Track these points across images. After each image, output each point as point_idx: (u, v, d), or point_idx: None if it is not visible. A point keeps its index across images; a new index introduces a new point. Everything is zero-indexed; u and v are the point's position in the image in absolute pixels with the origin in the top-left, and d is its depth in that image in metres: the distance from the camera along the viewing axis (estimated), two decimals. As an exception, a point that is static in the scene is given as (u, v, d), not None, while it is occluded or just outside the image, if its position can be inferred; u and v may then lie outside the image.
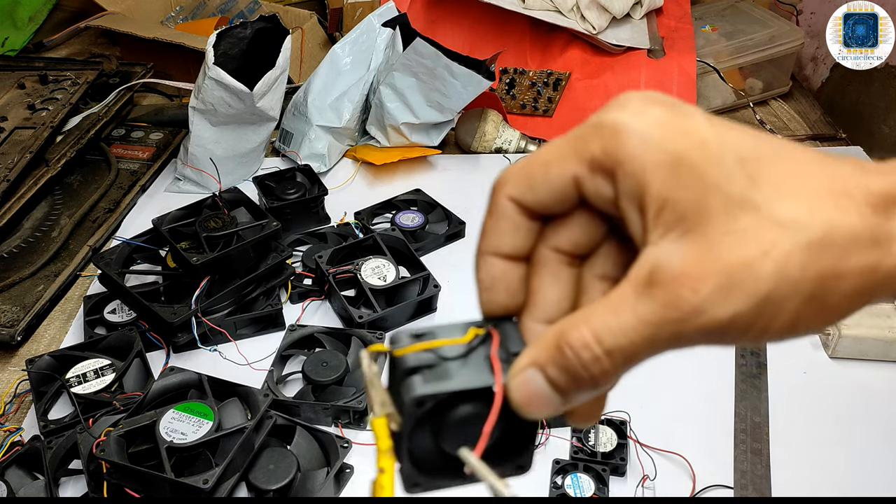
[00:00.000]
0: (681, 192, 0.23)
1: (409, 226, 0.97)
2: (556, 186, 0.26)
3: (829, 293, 0.23)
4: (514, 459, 0.28)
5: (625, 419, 0.72)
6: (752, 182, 0.23)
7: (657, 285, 0.23)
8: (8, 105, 1.14)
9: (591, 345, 0.24)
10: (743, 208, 0.23)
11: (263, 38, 1.04)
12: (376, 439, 0.26)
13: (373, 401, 0.26)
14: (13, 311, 0.88)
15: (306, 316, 0.88)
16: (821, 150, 0.26)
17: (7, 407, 0.77)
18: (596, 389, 0.25)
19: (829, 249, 0.23)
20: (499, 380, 0.25)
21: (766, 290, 0.22)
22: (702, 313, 0.23)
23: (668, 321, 0.23)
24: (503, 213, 0.27)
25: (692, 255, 0.23)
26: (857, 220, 0.23)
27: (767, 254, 0.22)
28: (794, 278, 0.22)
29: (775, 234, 0.23)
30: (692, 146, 0.24)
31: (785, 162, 0.24)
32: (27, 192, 1.01)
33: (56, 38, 1.50)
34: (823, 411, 0.75)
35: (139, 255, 0.87)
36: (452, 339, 0.27)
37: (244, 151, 1.09)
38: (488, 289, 0.28)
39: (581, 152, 0.25)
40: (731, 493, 0.67)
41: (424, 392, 0.25)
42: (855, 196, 0.23)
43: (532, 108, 1.25)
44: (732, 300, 0.23)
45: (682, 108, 0.25)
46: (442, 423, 0.26)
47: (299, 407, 0.74)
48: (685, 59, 1.22)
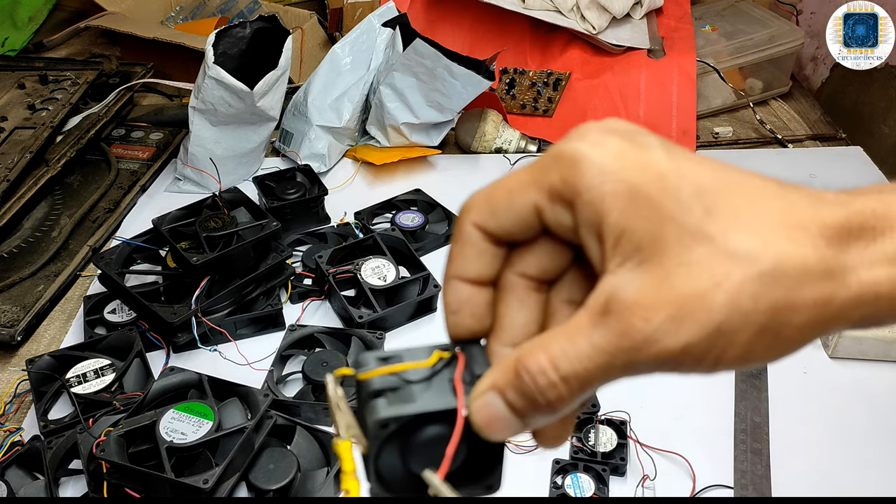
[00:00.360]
0: (637, 223, 0.24)
1: (409, 226, 0.97)
2: (518, 214, 0.26)
3: (781, 325, 0.23)
4: (483, 479, 0.28)
5: (625, 419, 0.72)
6: (707, 214, 0.23)
7: (612, 314, 0.24)
8: (8, 105, 1.14)
9: (548, 371, 0.24)
10: (697, 240, 0.23)
11: (263, 38, 1.04)
12: (341, 461, 0.26)
13: (338, 424, 0.26)
14: (13, 311, 0.88)
15: (306, 316, 0.88)
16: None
17: (7, 407, 0.77)
18: (554, 413, 0.25)
19: (782, 281, 0.23)
20: (461, 403, 0.26)
21: (717, 321, 0.23)
22: (654, 343, 0.23)
23: (621, 350, 0.23)
24: (468, 239, 0.27)
25: (646, 285, 0.23)
26: (811, 252, 0.23)
27: (720, 285, 0.23)
28: (746, 310, 0.23)
29: (728, 266, 0.23)
30: (649, 178, 0.24)
31: (742, 194, 0.24)
32: (27, 192, 1.01)
33: (56, 38, 1.50)
34: (823, 411, 0.75)
35: (139, 255, 0.87)
36: (417, 362, 0.27)
37: (244, 151, 1.09)
38: (454, 312, 0.28)
39: (541, 182, 0.26)
40: (731, 493, 0.67)
41: (388, 415, 0.26)
42: (809, 228, 0.23)
43: (532, 108, 1.25)
44: (684, 330, 0.23)
45: (641, 138, 0.25)
46: (408, 444, 0.26)
47: (299, 407, 0.74)
48: (685, 59, 1.22)
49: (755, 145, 1.19)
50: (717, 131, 1.21)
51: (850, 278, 0.23)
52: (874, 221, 0.24)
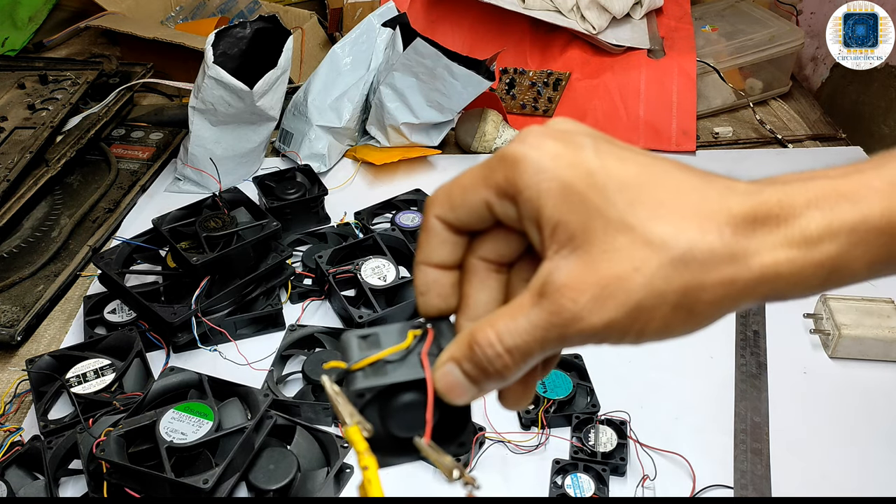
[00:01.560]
0: (569, 216, 0.27)
1: (409, 226, 0.97)
2: (472, 208, 0.30)
3: (693, 302, 0.26)
4: (455, 438, 0.32)
5: (625, 419, 0.72)
6: (629, 206, 0.27)
7: (546, 295, 0.27)
8: (8, 105, 1.14)
9: (494, 343, 0.28)
10: (620, 230, 0.26)
11: (263, 38, 1.04)
12: (353, 444, 0.29)
13: (342, 413, 0.30)
14: (13, 311, 0.88)
15: (306, 316, 0.88)
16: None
17: (7, 407, 0.77)
18: (503, 380, 0.29)
19: (691, 265, 0.26)
20: (427, 373, 0.30)
21: (635, 300, 0.26)
22: (580, 320, 0.27)
23: (554, 325, 0.27)
24: (432, 229, 0.31)
25: (575, 270, 0.27)
26: (716, 239, 0.26)
27: (638, 269, 0.26)
28: (660, 290, 0.26)
29: (646, 253, 0.26)
30: (579, 175, 0.27)
31: (663, 188, 0.27)
32: (27, 192, 1.01)
33: (56, 38, 1.50)
34: (823, 411, 0.75)
35: (139, 255, 0.87)
36: (395, 346, 0.31)
37: (244, 151, 1.09)
38: (423, 293, 0.32)
39: (489, 180, 0.29)
40: (731, 493, 0.67)
41: (363, 385, 0.30)
42: (717, 218, 0.26)
43: (532, 108, 1.25)
44: (607, 309, 0.26)
45: (575, 140, 0.28)
46: (387, 411, 0.31)
47: (299, 407, 0.74)
48: (685, 59, 1.22)
49: (755, 145, 1.19)
50: (717, 131, 1.21)
51: (753, 261, 0.26)
52: (778, 210, 0.27)
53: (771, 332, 0.83)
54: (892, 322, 0.79)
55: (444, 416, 0.31)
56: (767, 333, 0.83)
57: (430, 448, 0.30)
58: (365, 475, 0.29)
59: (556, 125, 0.29)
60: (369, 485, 0.29)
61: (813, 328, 0.83)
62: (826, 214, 0.26)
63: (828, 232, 0.26)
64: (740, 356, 0.80)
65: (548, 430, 0.72)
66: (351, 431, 0.29)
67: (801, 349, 0.82)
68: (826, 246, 0.26)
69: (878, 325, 0.79)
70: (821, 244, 0.26)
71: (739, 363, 0.80)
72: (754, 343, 0.82)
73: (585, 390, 0.75)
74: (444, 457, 0.30)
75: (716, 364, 0.80)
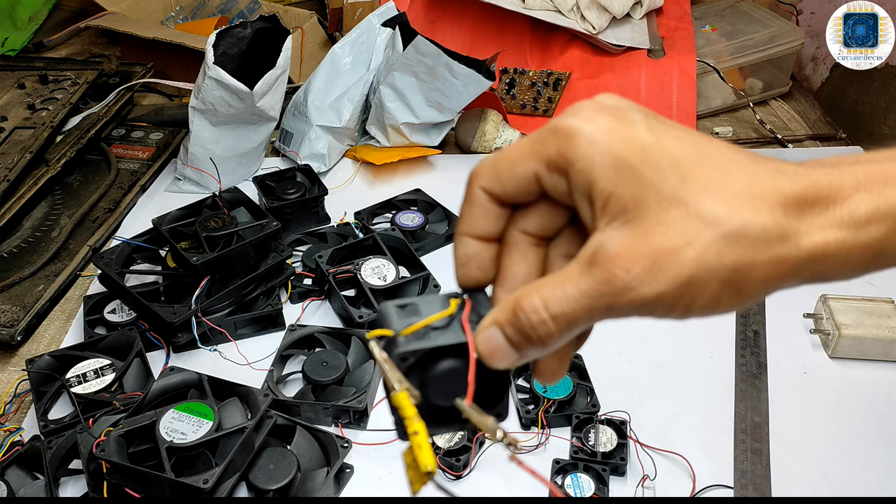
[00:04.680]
0: (622, 189, 0.27)
1: (409, 226, 0.97)
2: (519, 181, 0.30)
3: (742, 279, 0.27)
4: (493, 407, 0.32)
5: (625, 419, 0.72)
6: (682, 182, 0.27)
7: (597, 265, 0.27)
8: (8, 105, 1.14)
9: (540, 309, 0.28)
10: (673, 204, 0.27)
11: (263, 38, 1.04)
12: (401, 409, 0.30)
13: (390, 379, 0.30)
14: (13, 311, 0.88)
15: (306, 316, 0.88)
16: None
17: (7, 407, 0.77)
18: (545, 347, 0.29)
19: (743, 242, 0.26)
20: (469, 336, 0.30)
21: (687, 275, 0.26)
22: (631, 290, 0.27)
23: (603, 294, 0.27)
24: (476, 200, 0.31)
25: (627, 241, 0.27)
26: (769, 218, 0.27)
27: (690, 244, 0.26)
28: (711, 265, 0.26)
29: (698, 228, 0.26)
30: (632, 150, 0.28)
31: (714, 166, 0.28)
32: (27, 192, 1.01)
33: (56, 38, 1.50)
34: (823, 411, 0.75)
35: (139, 255, 0.87)
36: (438, 313, 0.31)
37: (244, 151, 1.09)
38: (463, 265, 0.32)
39: (540, 152, 0.29)
40: (731, 493, 0.67)
41: (407, 349, 0.30)
42: (769, 197, 0.27)
43: (532, 108, 1.25)
44: (658, 281, 0.27)
45: (628, 115, 0.29)
46: (427, 377, 0.31)
47: (299, 407, 0.74)
48: (685, 59, 1.22)
49: (755, 145, 1.19)
50: (717, 131, 1.21)
51: (803, 241, 0.27)
52: (827, 191, 0.27)
53: (771, 332, 0.83)
54: (892, 322, 0.79)
55: (483, 383, 0.31)
56: (767, 333, 0.83)
57: (471, 409, 0.30)
58: (415, 441, 0.29)
59: (606, 100, 0.29)
60: (419, 450, 0.29)
61: (813, 328, 0.83)
62: (874, 198, 0.27)
63: (876, 215, 0.27)
64: (740, 356, 0.80)
65: (548, 429, 0.72)
66: (400, 397, 0.29)
67: (801, 349, 0.82)
68: (874, 229, 0.27)
69: (878, 324, 0.79)
70: (868, 227, 0.27)
71: (739, 363, 0.80)
72: (754, 343, 0.82)
73: (585, 390, 0.75)
74: (487, 417, 0.30)
75: (716, 364, 0.80)
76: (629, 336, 0.83)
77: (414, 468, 0.29)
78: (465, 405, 0.30)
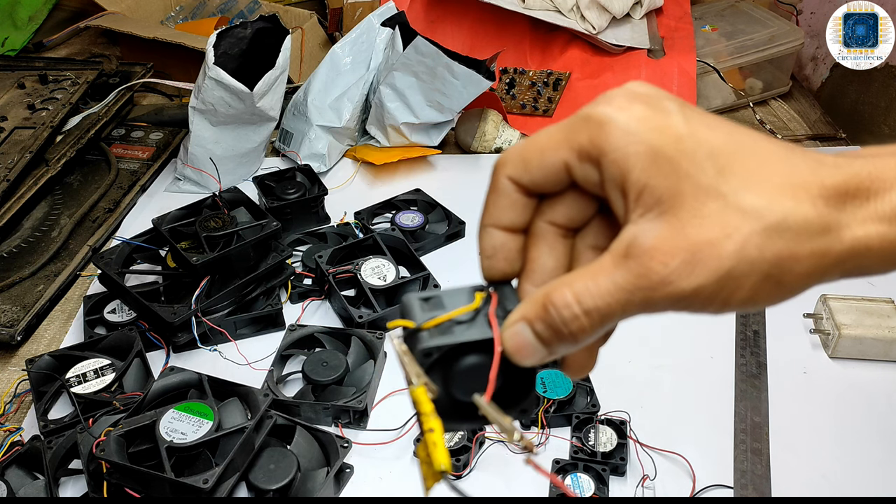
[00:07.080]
0: (657, 180, 0.26)
1: (409, 226, 0.97)
2: (549, 170, 0.29)
3: (784, 273, 0.26)
4: (517, 404, 0.31)
5: (625, 419, 0.72)
6: (720, 174, 0.26)
7: (633, 257, 0.26)
8: (8, 105, 1.14)
9: (572, 304, 0.27)
10: (711, 196, 0.26)
11: (263, 38, 1.04)
12: (418, 405, 0.29)
13: (409, 373, 0.29)
14: (13, 311, 0.88)
15: (306, 316, 0.88)
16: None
17: (7, 407, 0.77)
18: (576, 344, 0.28)
19: (785, 235, 0.26)
20: (496, 332, 0.29)
21: (727, 268, 0.26)
22: (669, 284, 0.26)
23: (639, 288, 0.26)
24: (503, 190, 0.30)
25: (664, 234, 0.26)
26: (811, 210, 0.26)
27: (730, 236, 0.26)
28: (752, 258, 0.26)
29: (738, 220, 0.26)
30: (668, 140, 0.27)
31: (752, 156, 0.27)
32: (27, 192, 1.01)
33: (56, 38, 1.50)
34: (823, 411, 0.75)
35: (139, 254, 0.87)
36: (463, 307, 0.30)
37: (244, 151, 1.09)
38: (489, 257, 0.31)
39: (571, 141, 0.28)
40: (731, 493, 0.67)
41: (430, 345, 0.29)
42: (810, 189, 0.26)
43: (532, 108, 1.25)
44: (696, 274, 0.26)
45: (663, 103, 0.28)
46: (450, 373, 0.30)
47: (299, 407, 0.74)
48: (685, 59, 1.22)
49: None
50: (717, 131, 1.21)
51: (845, 233, 0.26)
52: (868, 183, 0.26)
53: (771, 332, 0.83)
54: (892, 322, 0.79)
55: (509, 379, 0.30)
56: (767, 333, 0.83)
57: (489, 407, 0.29)
58: (430, 438, 0.28)
59: (639, 88, 0.29)
60: (434, 448, 0.28)
61: (813, 328, 0.83)
62: None
63: None
64: (740, 356, 0.80)
65: (548, 429, 0.72)
66: (418, 392, 0.29)
67: (801, 349, 0.82)
68: None
69: (878, 324, 0.79)
70: None
71: (739, 363, 0.80)
72: (754, 343, 0.82)
73: (585, 390, 0.75)
74: (504, 417, 0.29)
75: (716, 364, 0.80)
76: (629, 336, 0.83)
77: (428, 464, 0.29)
78: (484, 402, 0.29)
